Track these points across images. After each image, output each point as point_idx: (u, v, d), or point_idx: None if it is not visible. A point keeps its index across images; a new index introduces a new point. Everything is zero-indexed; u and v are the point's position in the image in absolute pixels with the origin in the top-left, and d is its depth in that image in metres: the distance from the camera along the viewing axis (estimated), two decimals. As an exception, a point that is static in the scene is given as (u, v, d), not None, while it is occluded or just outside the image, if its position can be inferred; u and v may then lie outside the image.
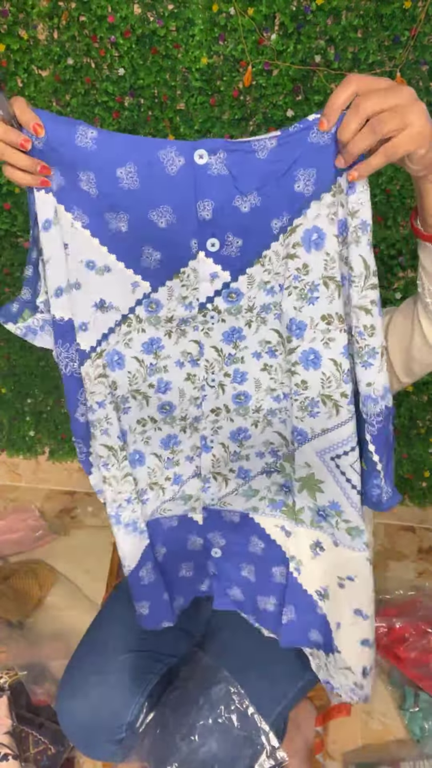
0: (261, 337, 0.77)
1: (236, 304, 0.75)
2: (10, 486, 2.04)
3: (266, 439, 0.83)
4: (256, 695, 0.87)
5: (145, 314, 0.77)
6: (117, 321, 0.77)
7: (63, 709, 0.92)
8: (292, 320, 0.73)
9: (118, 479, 0.85)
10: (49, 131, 0.64)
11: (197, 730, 0.83)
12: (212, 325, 0.76)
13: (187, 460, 0.87)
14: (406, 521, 1.86)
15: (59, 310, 0.75)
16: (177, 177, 0.65)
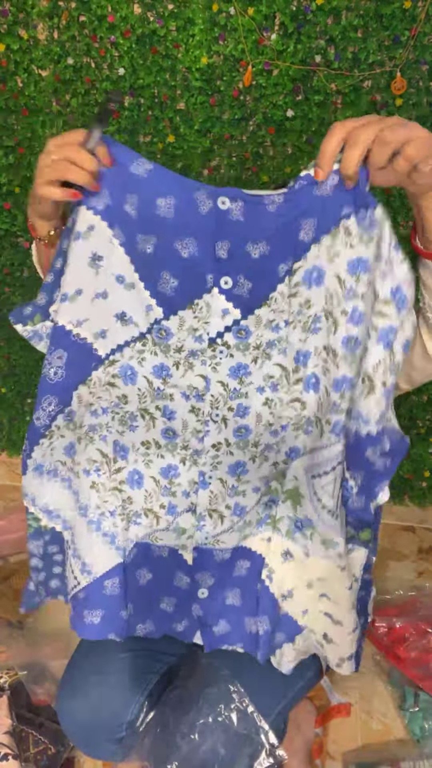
0: (265, 372, 0.81)
1: (245, 341, 0.79)
2: (10, 486, 2.04)
3: (263, 474, 0.86)
4: (255, 694, 0.87)
5: (156, 339, 0.80)
6: (134, 337, 0.80)
7: (63, 708, 0.92)
8: (299, 352, 0.79)
9: (106, 488, 0.86)
10: (114, 155, 0.71)
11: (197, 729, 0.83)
12: (220, 360, 0.80)
13: (183, 495, 0.87)
14: (406, 521, 1.86)
15: (61, 316, 0.77)
16: (205, 216, 0.72)
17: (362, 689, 1.35)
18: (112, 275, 0.77)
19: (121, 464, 0.85)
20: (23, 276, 1.66)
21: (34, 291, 1.72)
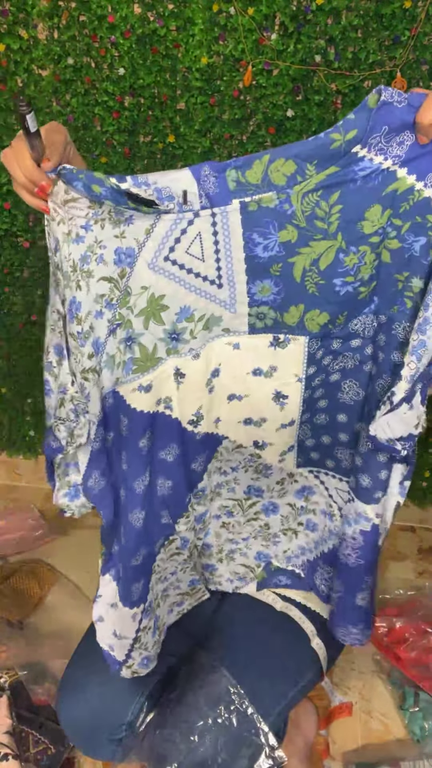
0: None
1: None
2: (10, 486, 2.04)
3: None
4: (256, 695, 0.87)
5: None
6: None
7: (63, 708, 0.92)
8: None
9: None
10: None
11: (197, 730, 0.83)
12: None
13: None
14: (406, 521, 1.86)
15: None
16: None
17: (362, 689, 1.35)
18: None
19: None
20: (23, 276, 1.66)
21: (34, 291, 1.73)
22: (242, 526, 0.98)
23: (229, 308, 0.70)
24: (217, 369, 0.77)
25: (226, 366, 0.77)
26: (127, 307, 0.71)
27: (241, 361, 0.76)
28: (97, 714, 0.89)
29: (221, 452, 0.87)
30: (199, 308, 0.70)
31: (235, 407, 0.81)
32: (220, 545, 1.00)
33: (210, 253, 0.65)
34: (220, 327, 0.73)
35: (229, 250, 0.65)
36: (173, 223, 0.63)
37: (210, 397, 0.80)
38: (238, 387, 0.79)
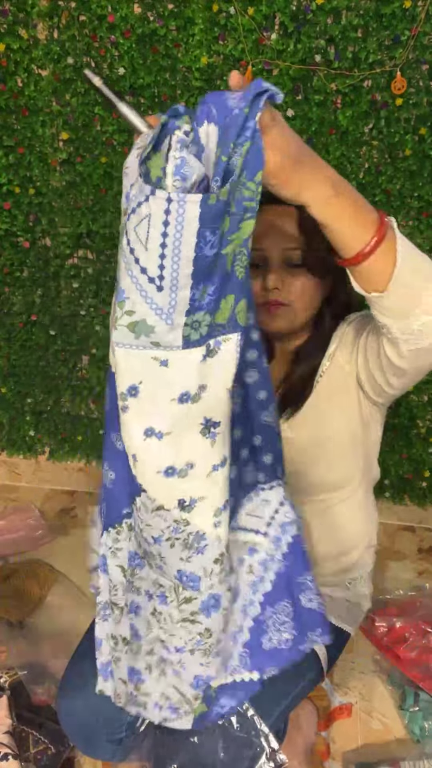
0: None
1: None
2: (10, 486, 2.03)
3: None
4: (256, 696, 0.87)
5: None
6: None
7: (63, 708, 0.92)
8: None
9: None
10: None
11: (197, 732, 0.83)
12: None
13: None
14: (406, 521, 1.86)
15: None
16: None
17: (362, 689, 1.35)
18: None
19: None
20: (23, 276, 1.66)
21: (34, 291, 1.73)
22: (175, 627, 0.74)
23: (165, 318, 0.57)
24: (134, 386, 0.60)
25: (147, 386, 0.60)
26: (120, 246, 0.60)
27: (167, 382, 0.60)
28: (96, 714, 0.89)
29: (139, 507, 0.66)
30: (131, 299, 0.57)
31: (152, 449, 0.63)
32: (151, 642, 0.76)
33: (155, 245, 0.54)
34: (150, 339, 0.58)
35: (179, 248, 0.54)
36: (139, 191, 0.53)
37: (123, 419, 0.62)
38: (158, 419, 0.62)
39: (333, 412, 0.97)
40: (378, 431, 1.01)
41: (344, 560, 1.06)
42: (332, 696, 1.25)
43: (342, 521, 1.03)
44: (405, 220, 1.42)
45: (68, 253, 1.61)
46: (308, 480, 0.99)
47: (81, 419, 1.87)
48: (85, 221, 1.54)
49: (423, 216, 1.41)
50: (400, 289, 0.67)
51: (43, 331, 1.72)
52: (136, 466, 0.64)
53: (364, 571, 1.11)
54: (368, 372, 0.88)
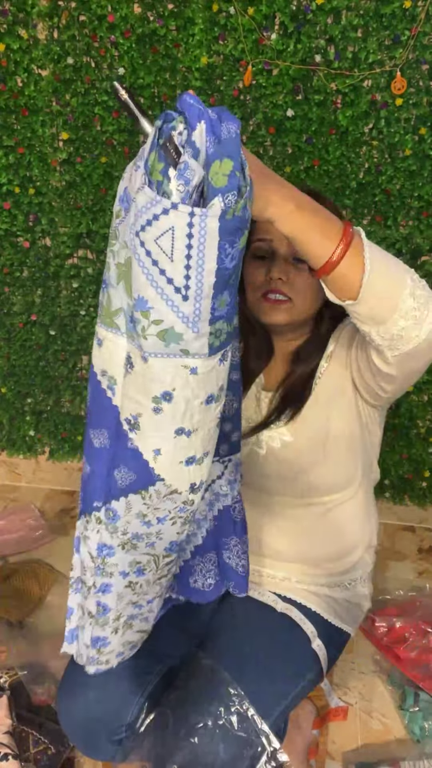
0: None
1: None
2: (10, 486, 2.04)
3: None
4: (256, 696, 0.87)
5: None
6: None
7: (63, 708, 0.92)
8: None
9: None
10: None
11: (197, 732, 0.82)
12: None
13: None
14: (406, 521, 1.86)
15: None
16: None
17: (362, 689, 1.35)
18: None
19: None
20: (23, 276, 1.66)
21: (34, 291, 1.73)
22: (151, 586, 0.81)
23: (191, 327, 0.60)
24: (169, 393, 0.64)
25: (181, 393, 0.64)
26: (111, 249, 0.63)
27: (197, 388, 0.65)
28: (96, 714, 0.89)
29: (151, 495, 0.71)
30: (156, 309, 0.59)
31: (180, 445, 0.68)
32: (120, 610, 0.81)
33: (180, 256, 0.56)
34: (179, 346, 0.61)
35: (202, 260, 0.56)
36: (149, 201, 0.54)
37: (155, 419, 0.66)
38: (188, 420, 0.67)
39: (332, 414, 0.97)
40: (378, 433, 1.01)
41: (344, 561, 1.06)
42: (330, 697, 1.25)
43: (342, 523, 1.03)
44: (405, 220, 1.42)
45: (68, 253, 1.61)
46: (308, 482, 0.99)
47: (81, 419, 1.87)
48: (85, 221, 1.54)
49: (423, 216, 1.41)
50: (371, 296, 0.69)
51: (43, 331, 1.72)
52: (157, 460, 0.68)
53: (365, 571, 1.11)
54: (362, 378, 0.89)
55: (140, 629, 0.87)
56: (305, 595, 1.04)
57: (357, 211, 1.43)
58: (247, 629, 0.98)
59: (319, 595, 1.04)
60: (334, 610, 1.04)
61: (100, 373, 0.70)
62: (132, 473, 0.70)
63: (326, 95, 1.33)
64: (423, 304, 0.69)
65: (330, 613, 1.03)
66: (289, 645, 0.97)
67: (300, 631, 0.98)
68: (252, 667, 0.91)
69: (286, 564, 1.04)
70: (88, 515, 0.76)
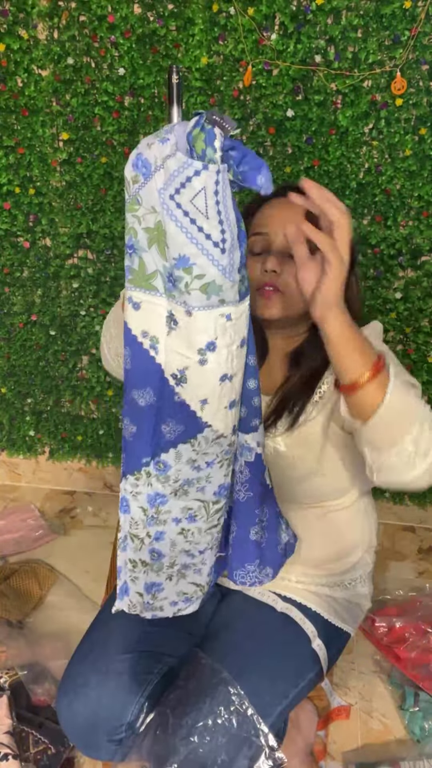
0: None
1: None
2: (10, 486, 2.04)
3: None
4: (256, 695, 0.87)
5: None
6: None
7: (63, 708, 0.92)
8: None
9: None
10: None
11: (197, 732, 0.82)
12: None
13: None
14: (406, 521, 1.86)
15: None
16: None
17: (362, 689, 1.35)
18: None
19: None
20: (23, 276, 1.66)
21: (34, 291, 1.73)
22: (202, 535, 0.85)
23: (229, 276, 0.66)
24: (212, 342, 0.69)
25: (222, 340, 0.70)
26: (134, 215, 0.67)
27: (234, 333, 0.71)
28: (96, 714, 0.89)
29: (200, 442, 0.75)
30: (198, 264, 0.64)
31: (225, 390, 0.73)
32: (173, 557, 0.85)
33: (213, 213, 0.62)
34: (218, 297, 0.67)
35: (228, 212, 0.63)
36: (181, 165, 0.61)
37: (201, 370, 0.71)
38: (229, 365, 0.72)
39: (329, 426, 0.96)
40: None
41: (344, 562, 1.06)
42: (331, 697, 1.25)
43: (342, 524, 1.03)
44: (405, 220, 1.43)
45: (68, 253, 1.61)
46: (303, 490, 0.99)
47: (81, 419, 1.87)
48: (85, 221, 1.54)
49: (423, 216, 1.41)
50: (379, 425, 0.77)
51: (43, 331, 1.72)
52: (204, 409, 0.73)
53: (365, 571, 1.11)
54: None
55: (194, 581, 0.89)
56: (305, 594, 1.04)
57: (357, 211, 1.43)
58: (247, 629, 0.98)
59: (319, 595, 1.04)
60: (335, 610, 1.04)
61: (141, 335, 0.72)
62: (180, 425, 0.74)
63: (326, 95, 1.33)
64: (421, 455, 0.76)
65: (330, 613, 1.03)
66: (289, 644, 0.97)
67: (300, 630, 0.98)
68: (252, 666, 0.91)
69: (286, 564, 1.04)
70: (138, 472, 0.79)
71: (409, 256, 1.45)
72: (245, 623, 0.99)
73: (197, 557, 0.86)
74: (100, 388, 1.79)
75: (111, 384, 1.78)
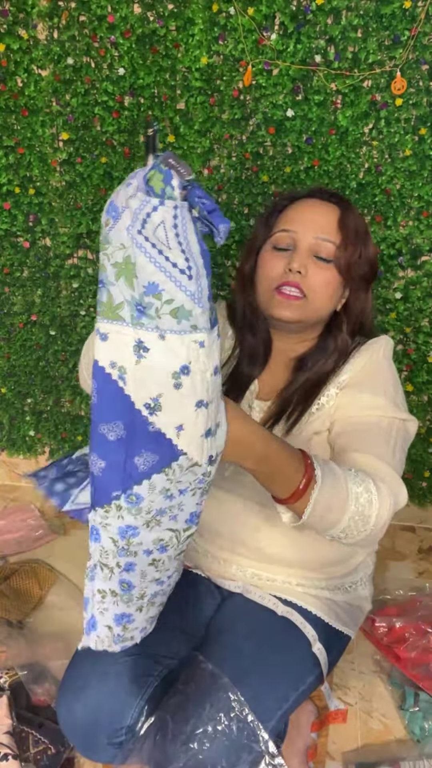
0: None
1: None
2: (10, 486, 2.04)
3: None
4: (256, 700, 0.86)
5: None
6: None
7: (63, 711, 0.92)
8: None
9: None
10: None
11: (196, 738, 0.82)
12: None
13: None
14: (406, 521, 1.86)
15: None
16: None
17: (362, 689, 1.35)
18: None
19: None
20: (23, 276, 1.66)
21: (34, 291, 1.73)
22: (171, 562, 0.85)
23: (197, 302, 0.68)
24: (186, 366, 0.70)
25: (196, 365, 0.71)
26: (105, 253, 0.70)
27: (207, 360, 0.72)
28: (96, 716, 0.89)
29: (174, 470, 0.75)
30: (167, 290, 0.67)
31: (200, 417, 0.73)
32: (143, 588, 0.85)
33: (174, 244, 0.66)
34: (189, 322, 0.69)
35: (190, 245, 0.66)
36: (142, 203, 0.65)
37: (177, 394, 0.71)
38: (204, 391, 0.72)
39: (323, 439, 0.96)
40: None
41: (345, 564, 1.06)
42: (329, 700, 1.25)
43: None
44: (405, 220, 1.42)
45: (68, 253, 1.61)
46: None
47: (81, 419, 1.87)
48: (85, 221, 1.54)
49: (423, 216, 1.41)
50: (314, 520, 0.80)
51: (43, 331, 1.72)
52: (180, 435, 0.74)
53: (365, 573, 1.11)
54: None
55: (161, 603, 0.90)
56: (306, 598, 1.03)
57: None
58: (248, 632, 0.97)
59: (319, 598, 1.04)
60: (335, 613, 1.04)
61: (109, 365, 0.73)
62: (155, 455, 0.75)
63: (326, 95, 1.33)
64: (361, 522, 0.81)
65: (331, 616, 1.03)
66: (289, 649, 0.96)
67: (300, 634, 0.98)
68: (252, 670, 0.90)
69: (287, 568, 1.04)
70: (107, 505, 0.79)
71: (409, 256, 1.45)
72: (246, 627, 0.99)
73: (166, 582, 0.87)
74: (100, 388, 1.79)
75: (111, 384, 1.78)
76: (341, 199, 1.02)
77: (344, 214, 0.97)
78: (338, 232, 0.95)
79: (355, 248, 0.95)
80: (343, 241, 0.94)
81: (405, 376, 1.59)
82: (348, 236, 0.95)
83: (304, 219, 0.96)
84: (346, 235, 0.95)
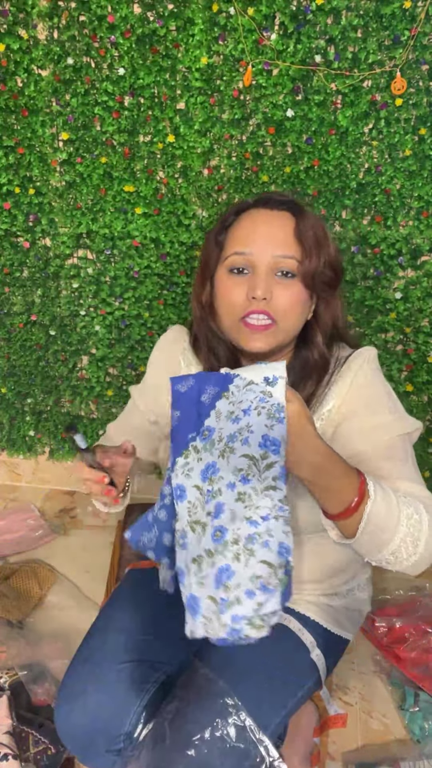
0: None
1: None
2: (10, 486, 2.04)
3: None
4: (254, 707, 0.85)
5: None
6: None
7: (61, 717, 0.89)
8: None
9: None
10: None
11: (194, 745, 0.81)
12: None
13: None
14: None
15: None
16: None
17: (362, 689, 1.35)
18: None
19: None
20: (23, 276, 1.66)
21: (34, 291, 1.73)
22: (260, 497, 0.77)
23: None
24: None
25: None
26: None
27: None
28: (94, 723, 0.88)
29: (233, 392, 0.79)
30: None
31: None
32: (236, 530, 0.77)
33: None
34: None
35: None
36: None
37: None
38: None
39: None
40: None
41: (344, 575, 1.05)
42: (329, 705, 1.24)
43: (336, 549, 0.98)
44: (405, 220, 1.42)
45: (68, 253, 1.61)
46: (303, 518, 0.95)
47: (81, 419, 1.87)
48: (85, 221, 1.54)
49: (423, 216, 1.41)
50: (366, 538, 0.80)
51: (43, 331, 1.72)
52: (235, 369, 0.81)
53: (363, 578, 1.11)
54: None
55: (264, 558, 0.76)
56: (303, 604, 1.02)
57: (357, 211, 1.43)
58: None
59: (318, 605, 1.03)
60: (334, 618, 1.03)
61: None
62: (216, 387, 0.81)
63: (326, 95, 1.33)
64: (410, 550, 0.81)
65: (329, 622, 1.02)
66: (287, 655, 0.95)
67: (299, 641, 0.97)
68: (250, 677, 0.90)
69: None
70: (185, 450, 0.83)
71: (409, 256, 1.45)
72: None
73: (261, 525, 0.76)
74: (100, 388, 1.79)
75: (111, 384, 1.78)
76: (292, 203, 0.93)
77: (299, 221, 0.89)
78: (297, 244, 0.88)
79: (318, 257, 0.89)
80: (303, 252, 0.88)
81: (405, 376, 1.59)
82: (308, 246, 0.88)
83: (258, 236, 0.88)
84: (305, 245, 0.88)
